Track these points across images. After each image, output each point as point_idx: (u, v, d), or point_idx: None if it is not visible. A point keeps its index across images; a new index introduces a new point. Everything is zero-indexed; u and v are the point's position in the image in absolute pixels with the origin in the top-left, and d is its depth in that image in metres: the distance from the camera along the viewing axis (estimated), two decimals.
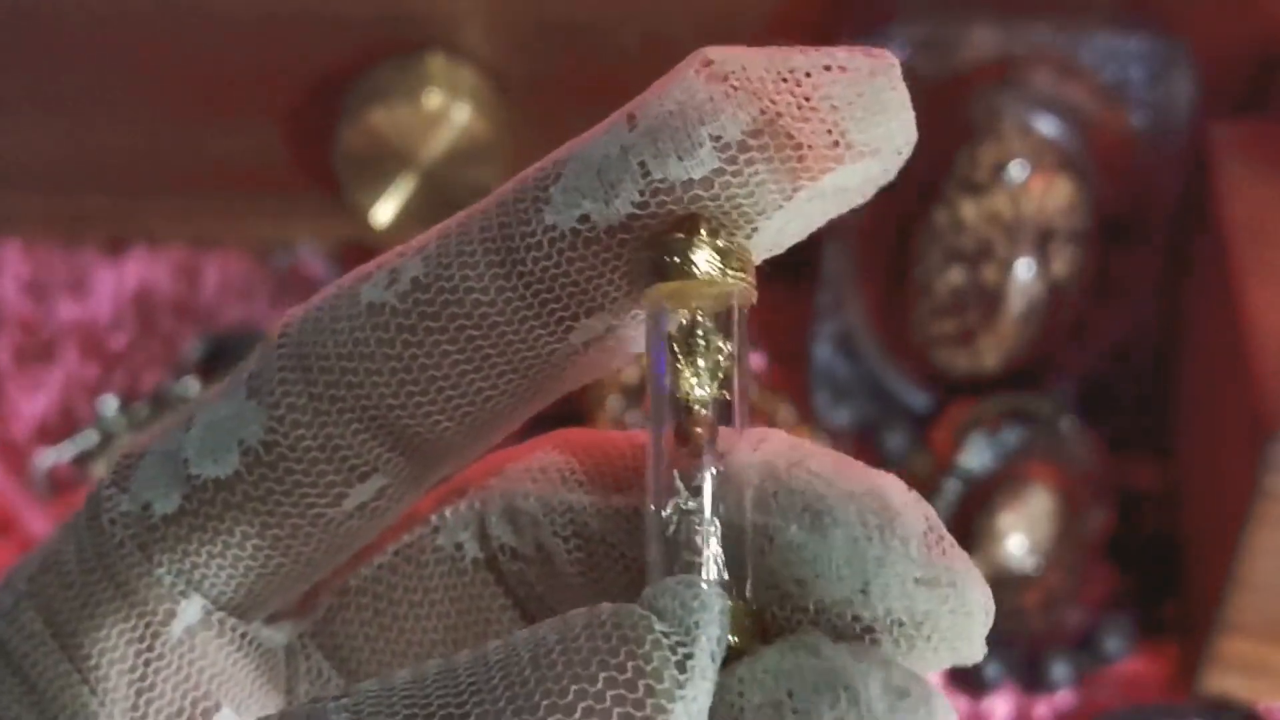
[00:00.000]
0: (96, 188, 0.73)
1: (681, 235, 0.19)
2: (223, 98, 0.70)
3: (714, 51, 0.19)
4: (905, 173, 0.20)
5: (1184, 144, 0.63)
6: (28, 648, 0.21)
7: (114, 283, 0.73)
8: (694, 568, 0.19)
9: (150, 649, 0.21)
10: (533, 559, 0.22)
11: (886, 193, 0.20)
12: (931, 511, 0.19)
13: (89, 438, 0.66)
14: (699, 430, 0.19)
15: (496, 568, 0.22)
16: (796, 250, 0.20)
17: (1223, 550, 0.56)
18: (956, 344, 0.63)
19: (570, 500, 0.21)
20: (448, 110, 0.65)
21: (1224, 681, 0.59)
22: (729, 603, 0.18)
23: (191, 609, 0.21)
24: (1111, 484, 0.62)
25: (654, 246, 0.19)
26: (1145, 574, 0.61)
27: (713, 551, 0.19)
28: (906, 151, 0.19)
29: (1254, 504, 0.53)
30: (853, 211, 0.20)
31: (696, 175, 0.19)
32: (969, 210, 0.61)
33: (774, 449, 0.20)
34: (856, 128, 0.19)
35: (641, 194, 0.19)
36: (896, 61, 0.19)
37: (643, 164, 0.19)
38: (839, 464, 0.20)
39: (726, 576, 0.19)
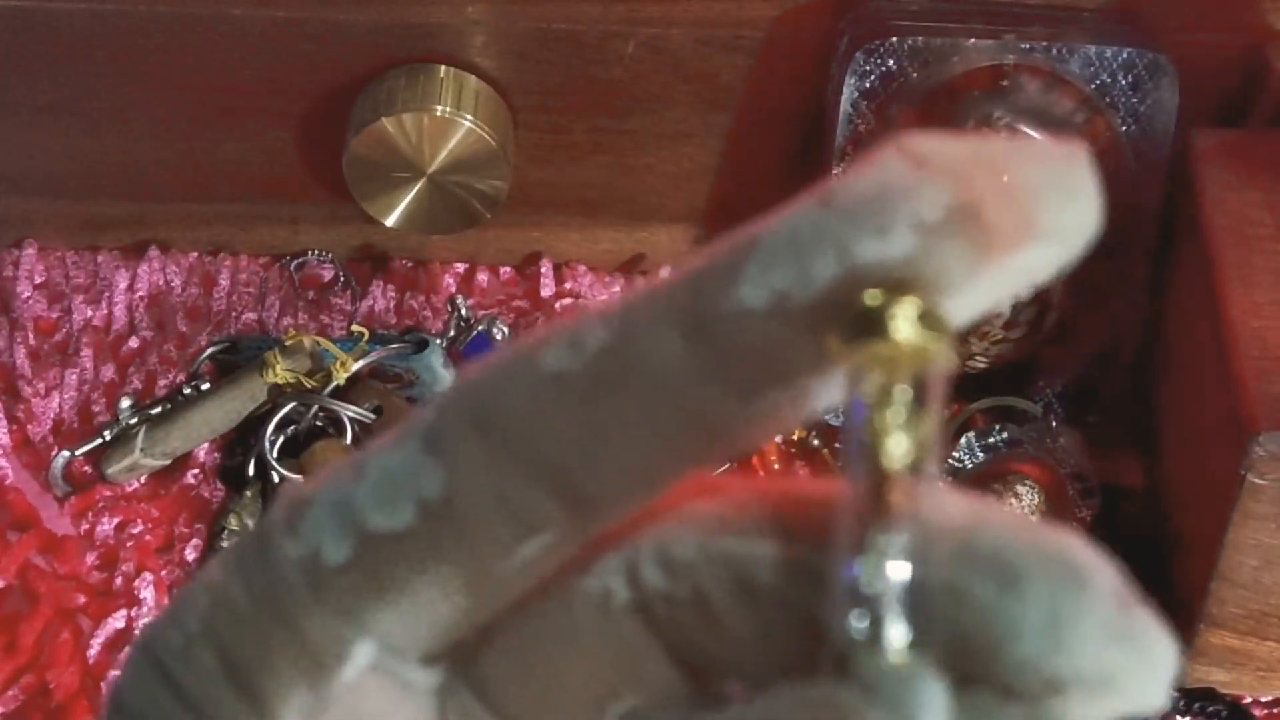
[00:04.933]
0: (112, 194, 0.73)
1: (886, 300, 0.19)
2: (235, 106, 0.70)
3: (913, 137, 0.19)
4: None
5: (1168, 152, 0.63)
6: (205, 688, 0.21)
7: (129, 287, 0.73)
8: (883, 632, 0.19)
9: (323, 692, 0.21)
10: (688, 605, 0.22)
11: None
12: (1116, 570, 0.20)
13: (105, 437, 0.66)
14: (895, 495, 0.19)
15: (647, 611, 0.22)
16: None
17: (1205, 546, 0.57)
18: None
19: (731, 548, 0.21)
20: (453, 119, 0.65)
21: (1207, 674, 0.59)
22: (948, 694, 0.18)
23: (361, 653, 0.21)
24: (1097, 482, 0.62)
25: (855, 312, 0.19)
26: (1129, 569, 0.62)
27: (904, 618, 0.19)
28: (1091, 235, 0.20)
29: (1235, 501, 0.54)
30: None
31: (893, 255, 0.19)
32: None
33: (954, 507, 0.20)
34: (1047, 212, 0.19)
35: (838, 272, 0.19)
36: (1086, 152, 0.20)
37: (840, 244, 0.19)
38: (1021, 521, 0.20)
39: (914, 641, 0.19)
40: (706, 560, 0.21)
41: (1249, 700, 0.60)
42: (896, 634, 0.19)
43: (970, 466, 0.62)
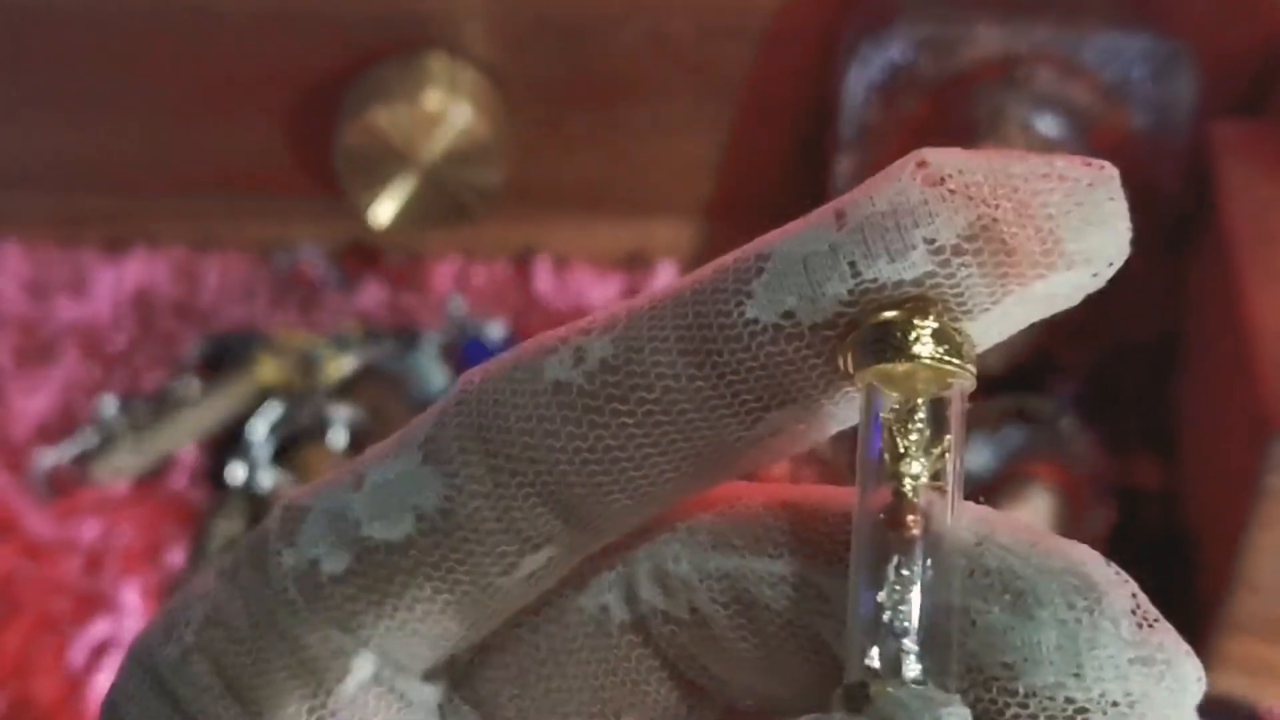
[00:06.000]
0: (97, 188, 0.73)
1: (904, 318, 0.19)
2: (223, 98, 0.70)
3: (930, 153, 0.19)
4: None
5: (1185, 144, 0.63)
6: (204, 702, 0.21)
7: (114, 283, 0.73)
8: (901, 661, 0.18)
9: (323, 705, 0.21)
10: (687, 623, 0.21)
11: None
12: (1135, 585, 0.19)
13: (89, 437, 0.66)
14: (913, 517, 0.19)
15: (645, 630, 0.22)
16: None
17: (1225, 550, 0.56)
18: None
19: (730, 565, 0.21)
20: (447, 110, 0.65)
21: (1227, 682, 0.59)
22: None
23: (362, 667, 0.21)
24: (1113, 483, 0.62)
25: (871, 332, 0.19)
26: (1147, 573, 0.61)
27: (919, 642, 0.18)
28: (1118, 262, 0.19)
29: (1256, 504, 0.54)
30: None
31: (908, 276, 0.18)
32: None
33: (965, 521, 0.20)
34: (1072, 237, 0.18)
35: (850, 293, 0.19)
36: (1116, 173, 0.19)
37: (853, 264, 0.19)
38: (1030, 536, 0.19)
39: (927, 668, 0.19)
40: (704, 578, 0.21)
41: (1268, 706, 0.59)
42: (915, 665, 0.18)
43: (981, 468, 0.61)
